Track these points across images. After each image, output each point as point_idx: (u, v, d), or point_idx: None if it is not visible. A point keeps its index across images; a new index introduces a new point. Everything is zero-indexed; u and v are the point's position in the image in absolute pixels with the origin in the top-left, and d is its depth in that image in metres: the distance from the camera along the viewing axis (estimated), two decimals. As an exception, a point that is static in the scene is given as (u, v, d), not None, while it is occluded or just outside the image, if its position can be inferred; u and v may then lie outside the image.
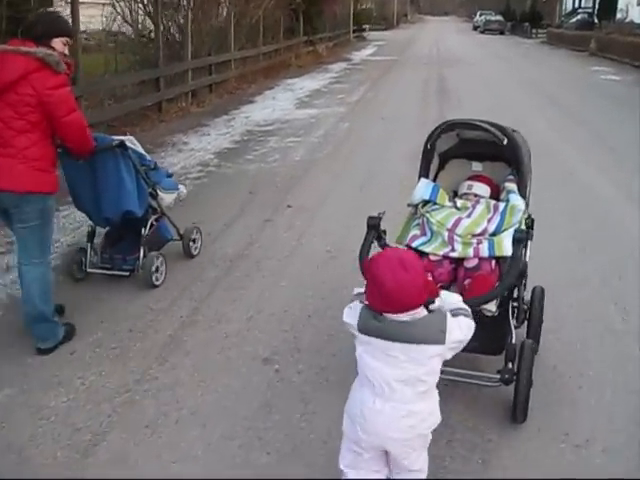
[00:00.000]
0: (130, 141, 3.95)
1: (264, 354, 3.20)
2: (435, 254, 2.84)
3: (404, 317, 1.92)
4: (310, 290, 3.88)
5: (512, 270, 2.47)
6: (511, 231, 2.81)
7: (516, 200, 2.91)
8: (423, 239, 2.94)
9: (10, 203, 3.12)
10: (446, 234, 2.87)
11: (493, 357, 2.80)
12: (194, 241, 4.53)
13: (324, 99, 12.04)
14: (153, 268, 3.99)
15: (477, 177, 3.15)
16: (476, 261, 2.73)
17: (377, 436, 2.00)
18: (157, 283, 4.03)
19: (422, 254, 2.85)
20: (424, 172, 3.19)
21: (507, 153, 2.98)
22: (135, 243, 4.03)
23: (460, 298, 2.17)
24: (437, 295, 2.09)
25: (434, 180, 3.23)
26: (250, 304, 3.76)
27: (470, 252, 2.76)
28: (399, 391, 1.96)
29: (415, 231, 2.99)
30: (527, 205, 3.02)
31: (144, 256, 4.00)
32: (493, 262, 2.75)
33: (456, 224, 2.87)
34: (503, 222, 2.84)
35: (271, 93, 13.05)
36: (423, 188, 3.09)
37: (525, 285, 2.98)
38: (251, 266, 4.30)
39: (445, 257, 2.82)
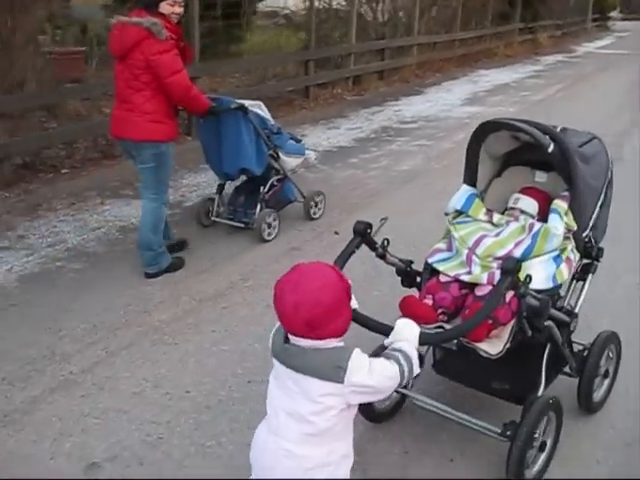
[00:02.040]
0: (258, 106, 4.86)
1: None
2: (446, 274, 2.64)
3: (303, 343, 1.82)
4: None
5: (485, 306, 2.18)
6: (544, 259, 2.55)
7: (554, 222, 2.60)
8: (444, 255, 2.77)
9: (131, 148, 4.19)
10: (465, 253, 2.66)
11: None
12: (316, 204, 5.37)
13: (503, 95, 11.60)
14: (265, 224, 4.84)
15: (530, 189, 2.86)
16: (488, 289, 2.48)
17: (262, 471, 1.95)
18: (268, 238, 4.88)
19: (434, 272, 2.69)
20: (468, 178, 2.97)
21: (555, 162, 2.65)
22: (256, 199, 4.89)
23: (416, 334, 2.00)
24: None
25: (485, 189, 3.00)
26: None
27: (484, 277, 2.52)
28: (284, 426, 1.87)
29: (441, 244, 2.83)
30: (592, 230, 2.72)
31: (260, 212, 4.84)
32: (510, 294, 2.46)
33: (478, 242, 2.65)
34: (533, 247, 2.56)
35: (449, 85, 12.87)
36: (458, 196, 2.91)
37: (574, 327, 2.72)
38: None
39: (456, 280, 2.61)
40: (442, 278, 2.64)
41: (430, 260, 2.74)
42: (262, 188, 4.92)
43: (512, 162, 3.01)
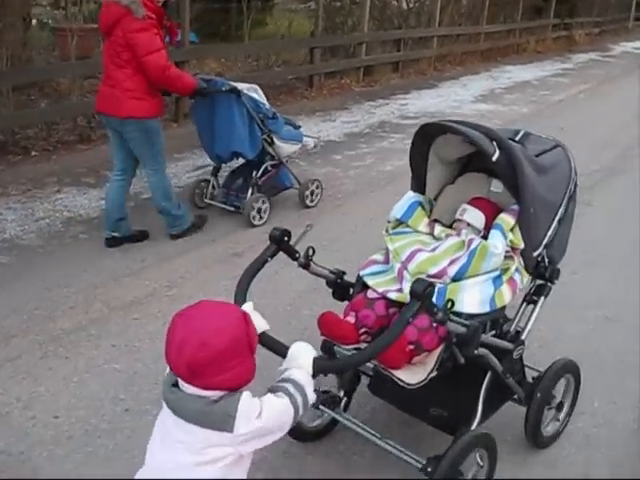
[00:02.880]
0: (254, 90, 4.95)
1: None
2: (375, 290, 2.47)
3: (190, 389, 1.65)
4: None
5: (385, 335, 1.97)
6: (480, 280, 2.37)
7: (494, 239, 2.42)
8: (378, 268, 2.61)
9: (116, 125, 4.31)
10: (397, 267, 2.49)
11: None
12: (311, 193, 5.43)
13: (521, 94, 11.33)
14: (254, 209, 4.93)
15: (480, 200, 2.67)
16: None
17: None
18: (256, 223, 4.95)
19: (366, 286, 2.53)
20: (415, 183, 2.81)
21: (500, 171, 2.47)
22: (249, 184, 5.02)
23: (310, 361, 1.82)
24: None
25: (437, 196, 2.82)
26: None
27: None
28: (168, 472, 1.69)
29: (378, 255, 2.67)
30: (547, 248, 2.55)
31: (250, 196, 4.95)
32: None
33: (411, 257, 2.48)
34: (468, 266, 2.38)
35: (467, 79, 12.62)
36: (400, 204, 2.74)
37: (519, 354, 2.53)
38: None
39: (384, 297, 2.44)
40: (370, 294, 2.47)
41: (362, 272, 2.58)
42: (255, 172, 5.03)
43: (469, 168, 2.83)
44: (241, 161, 5.22)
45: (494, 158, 2.36)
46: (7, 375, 3.14)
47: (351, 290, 2.61)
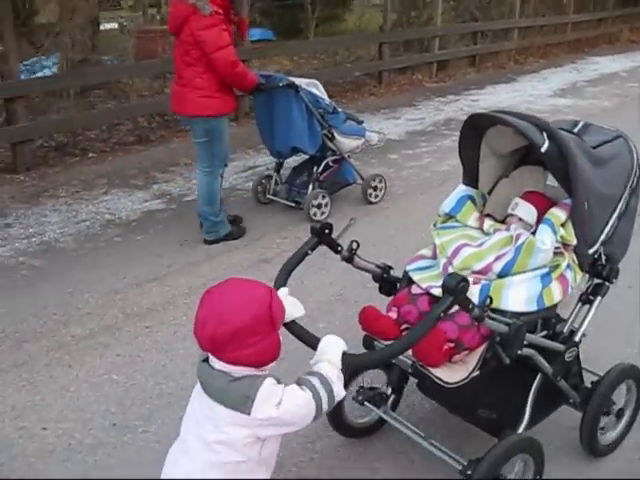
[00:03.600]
0: (314, 85, 5.07)
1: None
2: (419, 285, 2.50)
3: (217, 365, 1.75)
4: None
5: (416, 328, 1.97)
6: (527, 277, 2.35)
7: (542, 234, 2.37)
8: (425, 263, 2.62)
9: (187, 123, 4.61)
10: (443, 263, 2.51)
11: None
12: (374, 189, 5.50)
13: (605, 86, 10.99)
14: (314, 205, 5.03)
15: (533, 194, 2.63)
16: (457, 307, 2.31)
17: None
18: (316, 218, 4.98)
19: (412, 281, 2.54)
20: (467, 177, 2.79)
21: (549, 164, 2.43)
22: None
23: (339, 355, 1.86)
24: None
25: (490, 190, 2.80)
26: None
27: None
28: (193, 450, 1.81)
29: (426, 250, 2.68)
30: (605, 245, 2.49)
31: (311, 191, 5.06)
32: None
33: (456, 252, 2.48)
34: (514, 262, 2.35)
35: (549, 72, 12.35)
36: (450, 197, 2.74)
37: (571, 356, 2.49)
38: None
39: (428, 292, 2.46)
40: (414, 289, 2.48)
41: (408, 267, 2.60)
42: (316, 168, 5.13)
43: (527, 161, 2.80)
44: (304, 157, 5.34)
45: (543, 149, 2.32)
46: (9, 381, 3.21)
47: (398, 285, 2.63)
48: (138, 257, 4.57)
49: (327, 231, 2.43)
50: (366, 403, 2.67)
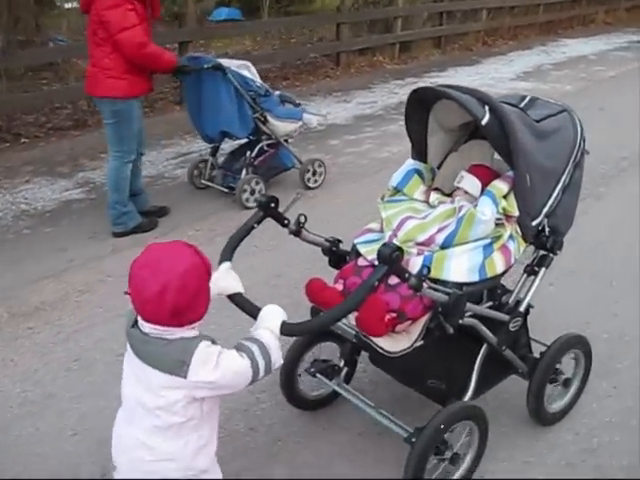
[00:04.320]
0: (245, 67, 5.06)
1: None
2: (365, 258, 2.63)
3: (147, 329, 1.84)
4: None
5: (350, 297, 2.09)
6: (468, 248, 2.48)
7: (483, 205, 2.51)
8: (372, 236, 2.74)
9: (95, 104, 4.65)
10: (388, 235, 2.64)
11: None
12: (313, 173, 5.56)
13: (570, 70, 11.24)
14: (247, 191, 5.07)
15: (479, 167, 2.78)
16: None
17: (117, 460, 2.00)
18: (249, 205, 5.04)
19: (358, 255, 2.68)
20: (415, 151, 2.93)
21: (490, 136, 2.55)
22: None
23: (278, 324, 1.99)
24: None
25: (440, 164, 2.94)
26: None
27: None
28: (138, 416, 1.91)
29: (374, 224, 2.81)
30: (549, 218, 2.64)
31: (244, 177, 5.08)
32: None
33: (401, 225, 2.62)
34: (456, 233, 2.49)
35: (517, 55, 12.60)
36: (398, 172, 2.87)
37: (515, 326, 2.65)
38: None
39: (373, 265, 2.58)
40: (360, 262, 2.61)
41: (356, 240, 2.72)
42: (249, 152, 5.18)
43: (475, 135, 2.92)
44: (241, 141, 5.37)
45: (483, 122, 2.43)
46: None
47: (347, 259, 2.75)
48: (41, 251, 4.52)
49: (273, 205, 2.54)
50: (318, 375, 2.82)
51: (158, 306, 1.76)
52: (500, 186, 2.56)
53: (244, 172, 5.16)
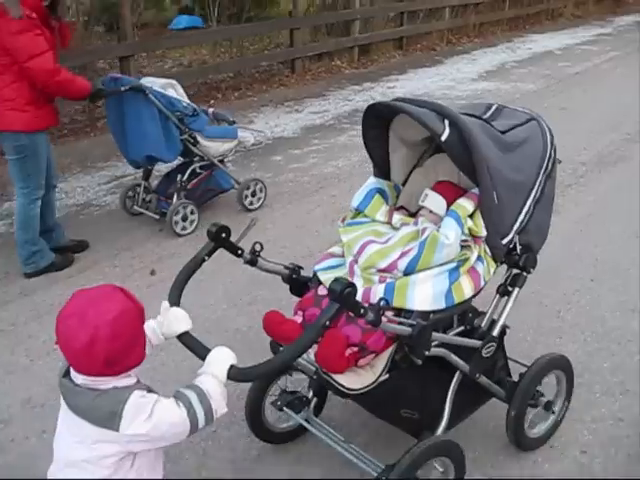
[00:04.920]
0: (170, 85, 4.93)
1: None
2: (325, 286, 2.54)
3: (80, 379, 1.81)
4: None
5: (299, 339, 2.01)
6: (433, 274, 2.40)
7: (446, 228, 2.44)
8: (333, 262, 2.68)
9: None
10: (349, 261, 2.57)
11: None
12: (253, 194, 5.44)
13: (534, 67, 11.29)
14: (178, 217, 4.96)
15: (444, 184, 2.71)
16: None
17: None
18: (181, 232, 4.99)
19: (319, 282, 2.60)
20: (377, 168, 2.86)
21: (451, 153, 2.48)
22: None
23: (224, 368, 1.94)
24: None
25: (405, 181, 2.87)
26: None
27: (359, 294, 2.40)
28: (65, 470, 1.88)
29: (336, 248, 2.74)
30: (521, 234, 2.57)
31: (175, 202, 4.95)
32: (388, 313, 2.33)
33: (361, 250, 2.54)
34: (419, 258, 2.41)
35: (480, 53, 12.63)
36: (359, 191, 2.79)
37: (488, 352, 2.59)
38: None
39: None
40: (320, 290, 2.53)
41: (316, 267, 2.65)
42: (180, 176, 5.06)
43: (441, 149, 2.85)
44: (177, 163, 5.27)
45: (443, 137, 2.36)
46: None
47: (309, 285, 2.67)
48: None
49: (224, 234, 2.45)
50: (285, 408, 2.73)
51: (89, 357, 1.73)
52: (465, 205, 2.50)
53: (175, 197, 5.04)
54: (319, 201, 5.68)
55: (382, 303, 2.08)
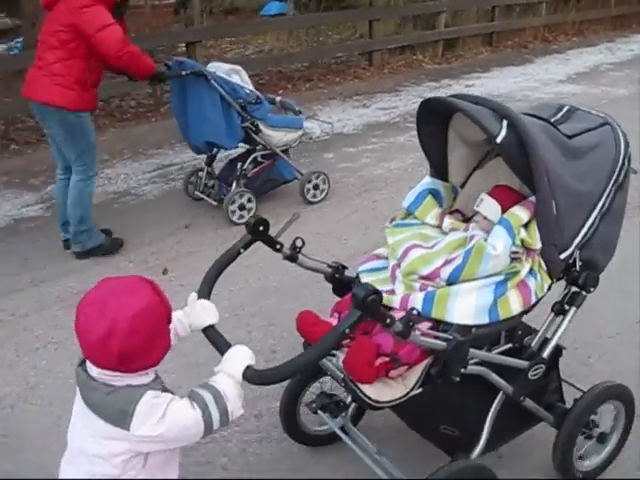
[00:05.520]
0: (235, 72, 5.00)
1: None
2: (365, 289, 2.48)
3: (94, 372, 1.79)
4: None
5: (319, 344, 1.94)
6: (477, 285, 2.29)
7: (494, 237, 2.33)
8: (377, 264, 2.62)
9: (35, 111, 4.41)
10: (392, 265, 2.50)
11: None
12: (314, 187, 5.42)
13: (631, 70, 10.81)
14: (234, 206, 4.99)
15: (502, 189, 2.57)
16: (398, 315, 2.29)
17: None
18: (237, 221, 4.99)
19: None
20: (433, 168, 2.77)
21: (507, 156, 2.37)
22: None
23: (240, 368, 1.90)
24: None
25: (464, 183, 2.77)
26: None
27: (396, 300, 2.34)
28: (76, 461, 1.88)
29: (382, 249, 2.67)
30: (583, 249, 2.44)
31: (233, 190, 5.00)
32: (426, 324, 2.26)
33: (405, 254, 2.46)
34: (462, 268, 2.31)
35: (575, 53, 12.25)
36: (412, 191, 2.72)
37: (536, 373, 2.47)
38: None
39: (375, 298, 2.44)
40: (360, 294, 2.47)
41: (360, 268, 2.61)
42: (240, 164, 5.12)
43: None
44: (241, 150, 5.31)
45: (499, 139, 2.24)
46: None
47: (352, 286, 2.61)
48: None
49: (262, 227, 2.40)
50: (319, 411, 2.68)
51: (103, 351, 1.70)
52: (519, 213, 2.37)
53: (234, 185, 5.08)
54: (358, 206, 5.57)
55: (414, 313, 2.01)
